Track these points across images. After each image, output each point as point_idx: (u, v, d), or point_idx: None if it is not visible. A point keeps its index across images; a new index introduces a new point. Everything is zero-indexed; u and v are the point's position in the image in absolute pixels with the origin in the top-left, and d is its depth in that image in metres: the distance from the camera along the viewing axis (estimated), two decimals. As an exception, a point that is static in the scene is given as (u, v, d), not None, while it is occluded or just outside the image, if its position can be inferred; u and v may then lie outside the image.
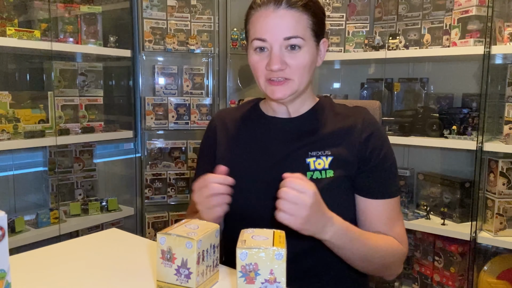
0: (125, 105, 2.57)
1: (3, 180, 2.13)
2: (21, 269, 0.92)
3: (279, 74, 0.97)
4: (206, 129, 1.18)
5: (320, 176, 0.99)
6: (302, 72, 0.99)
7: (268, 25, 0.96)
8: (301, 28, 0.97)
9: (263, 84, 1.02)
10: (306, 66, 0.99)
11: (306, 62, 0.98)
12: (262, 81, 1.01)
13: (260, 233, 0.77)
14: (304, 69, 0.99)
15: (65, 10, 2.14)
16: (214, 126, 1.15)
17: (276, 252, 0.71)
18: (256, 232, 0.78)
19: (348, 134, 1.02)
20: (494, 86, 1.93)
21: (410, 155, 2.37)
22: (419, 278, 2.20)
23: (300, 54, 0.97)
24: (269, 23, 0.96)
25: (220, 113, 1.18)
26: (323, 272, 1.04)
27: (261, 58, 0.99)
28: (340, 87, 2.64)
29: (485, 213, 1.93)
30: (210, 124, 1.17)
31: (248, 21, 1.02)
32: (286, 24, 0.95)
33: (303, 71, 0.99)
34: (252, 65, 1.02)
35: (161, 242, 0.78)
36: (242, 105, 1.19)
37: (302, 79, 1.00)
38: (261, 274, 0.72)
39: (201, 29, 2.56)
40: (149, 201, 2.53)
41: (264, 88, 1.02)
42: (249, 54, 1.02)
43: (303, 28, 0.97)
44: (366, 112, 1.08)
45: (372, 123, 1.05)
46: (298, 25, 0.96)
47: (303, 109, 1.08)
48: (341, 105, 1.11)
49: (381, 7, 2.32)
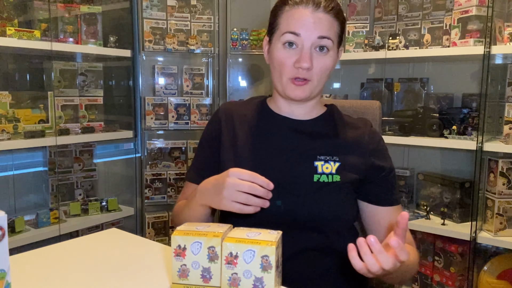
0: (125, 105, 2.57)
1: (3, 180, 2.13)
2: (21, 269, 0.92)
3: (305, 73, 1.00)
4: (210, 119, 1.16)
5: (327, 180, 1.01)
6: (322, 75, 1.02)
7: (305, 21, 0.99)
8: (332, 32, 1.01)
9: (285, 81, 1.02)
10: (328, 70, 1.03)
11: (329, 66, 1.02)
12: (285, 78, 1.02)
13: (253, 231, 0.78)
14: (325, 72, 1.02)
15: (65, 10, 2.14)
16: (219, 119, 1.13)
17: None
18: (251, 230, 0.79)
19: (357, 144, 1.06)
20: (494, 86, 1.93)
21: (410, 155, 2.37)
22: (419, 278, 2.20)
23: (327, 57, 1.01)
24: (306, 20, 0.99)
25: (227, 106, 1.16)
26: (323, 273, 1.04)
27: (290, 55, 1.00)
28: (340, 87, 2.64)
29: (485, 213, 1.93)
30: (215, 115, 1.15)
31: (279, 16, 1.03)
32: (322, 25, 0.99)
33: (324, 74, 1.02)
34: (278, 60, 1.02)
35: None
36: (249, 100, 1.18)
37: (320, 82, 1.03)
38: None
39: (201, 29, 2.56)
40: (149, 201, 2.53)
41: (284, 84, 1.02)
42: (274, 48, 1.03)
43: (334, 33, 1.01)
44: (370, 124, 1.12)
45: (377, 134, 1.11)
46: (331, 29, 1.00)
47: (313, 114, 1.10)
48: (347, 115, 1.14)
49: (381, 7, 2.32)
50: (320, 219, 0.99)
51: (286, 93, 1.03)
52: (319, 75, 1.01)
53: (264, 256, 0.72)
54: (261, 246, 0.73)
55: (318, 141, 1.05)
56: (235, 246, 0.74)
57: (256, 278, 0.73)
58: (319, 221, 1.00)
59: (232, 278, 0.75)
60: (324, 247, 1.02)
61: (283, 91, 1.03)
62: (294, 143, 1.05)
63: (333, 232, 1.02)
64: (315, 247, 1.01)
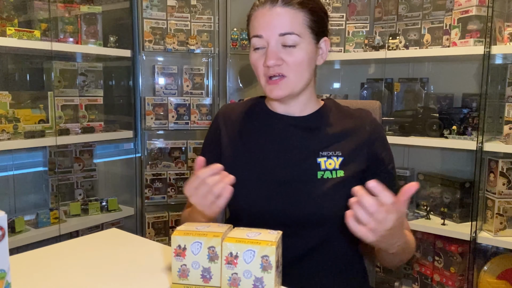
0: (125, 105, 2.57)
1: (3, 180, 2.13)
2: (21, 269, 0.92)
3: (276, 70, 0.98)
4: (210, 125, 1.17)
5: (331, 176, 1.00)
6: (298, 69, 0.99)
7: (264, 22, 0.98)
8: (297, 25, 0.97)
9: (263, 83, 1.02)
10: (303, 63, 0.99)
11: (303, 59, 0.99)
12: (262, 80, 1.02)
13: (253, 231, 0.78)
14: (300, 66, 0.99)
15: (65, 10, 2.14)
16: (217, 125, 1.13)
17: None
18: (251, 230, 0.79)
19: (357, 134, 1.04)
20: (494, 86, 1.93)
21: (410, 155, 2.37)
22: (419, 278, 2.20)
23: (296, 50, 0.98)
24: (265, 20, 0.98)
25: (225, 110, 1.16)
26: (323, 274, 1.04)
27: (260, 56, 1.00)
28: (340, 87, 2.64)
29: (485, 213, 1.93)
30: (214, 121, 1.16)
31: (249, 23, 1.04)
32: (281, 21, 0.97)
33: (300, 68, 0.99)
34: (252, 63, 1.03)
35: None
36: (247, 101, 1.18)
37: (299, 76, 1.00)
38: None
39: (201, 29, 2.56)
40: (149, 201, 2.53)
41: (264, 86, 1.03)
42: (250, 53, 1.04)
43: (299, 25, 0.98)
44: (371, 114, 1.10)
45: (378, 125, 1.09)
46: (294, 22, 0.97)
47: (309, 110, 1.08)
48: (346, 107, 1.13)
49: (381, 7, 2.32)
50: (325, 216, 0.99)
51: (267, 95, 1.04)
52: (294, 69, 0.99)
53: (264, 256, 0.72)
54: (261, 246, 0.73)
55: (319, 137, 1.04)
56: (235, 246, 0.74)
57: (256, 278, 0.73)
58: (324, 219, 0.99)
59: (232, 278, 0.75)
60: (327, 245, 1.02)
61: (266, 93, 1.04)
62: (295, 140, 1.05)
63: (338, 230, 1.01)
64: (319, 245, 1.01)
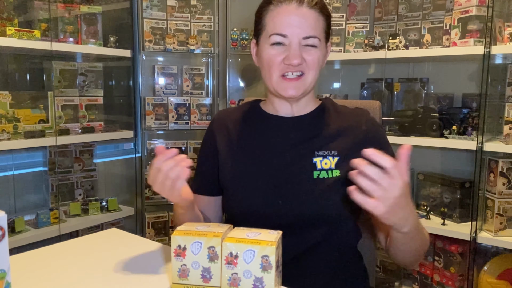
0: (125, 105, 2.57)
1: (3, 180, 2.13)
2: (21, 269, 0.92)
3: (297, 68, 0.99)
4: (205, 131, 1.18)
5: (327, 176, 1.00)
6: (315, 69, 1.02)
7: (290, 21, 0.98)
8: (318, 29, 1.00)
9: (275, 80, 1.01)
10: (319, 63, 1.02)
11: (319, 60, 1.01)
12: (275, 76, 1.01)
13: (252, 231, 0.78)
14: (317, 65, 1.02)
15: (65, 10, 2.14)
16: (212, 130, 1.14)
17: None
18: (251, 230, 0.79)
19: (353, 133, 1.04)
20: (494, 86, 1.93)
21: (410, 155, 2.37)
22: (419, 278, 2.20)
23: (316, 50, 1.00)
24: (292, 19, 0.98)
25: (220, 115, 1.17)
26: (323, 274, 1.04)
27: (278, 53, 1.00)
28: (340, 87, 2.64)
29: (485, 213, 1.93)
30: (209, 127, 1.16)
31: (264, 16, 1.03)
32: (308, 23, 0.98)
33: (316, 68, 1.02)
34: (267, 59, 1.01)
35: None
36: (243, 105, 1.19)
37: (314, 76, 1.02)
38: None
39: (201, 29, 2.56)
40: (149, 201, 2.53)
41: (275, 84, 1.02)
42: (263, 48, 1.03)
43: (320, 29, 1.01)
44: (368, 113, 1.10)
45: (376, 124, 1.09)
46: (317, 26, 1.00)
47: (307, 110, 1.09)
48: (343, 106, 1.12)
49: (381, 7, 2.32)
50: (322, 217, 0.99)
51: (278, 93, 1.03)
52: (313, 68, 1.01)
53: (264, 256, 0.73)
54: (261, 246, 0.73)
55: (314, 136, 1.04)
56: (235, 246, 0.74)
57: (256, 278, 0.73)
58: (321, 219, 0.99)
59: (232, 278, 0.75)
60: (326, 245, 1.01)
61: (275, 90, 1.03)
62: (290, 141, 1.05)
63: (336, 230, 1.01)
64: (317, 245, 1.01)
